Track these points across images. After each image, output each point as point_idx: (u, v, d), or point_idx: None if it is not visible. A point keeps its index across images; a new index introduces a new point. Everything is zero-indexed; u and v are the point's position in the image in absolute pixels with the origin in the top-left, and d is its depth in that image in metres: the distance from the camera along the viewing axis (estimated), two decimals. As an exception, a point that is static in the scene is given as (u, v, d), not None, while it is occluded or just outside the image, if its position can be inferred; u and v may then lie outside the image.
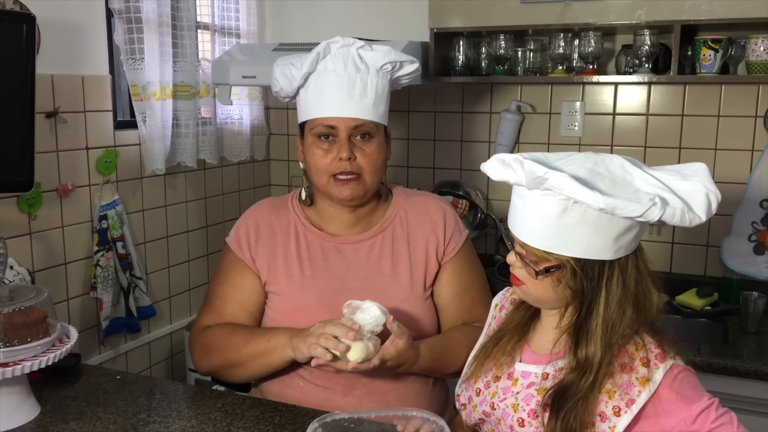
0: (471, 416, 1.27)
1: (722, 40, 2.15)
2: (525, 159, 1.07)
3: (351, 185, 1.43)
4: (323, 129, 1.42)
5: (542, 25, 2.29)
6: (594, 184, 1.06)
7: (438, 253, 1.51)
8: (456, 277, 1.52)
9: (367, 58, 1.43)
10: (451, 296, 1.52)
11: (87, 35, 2.08)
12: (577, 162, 1.10)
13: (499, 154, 1.13)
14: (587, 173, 1.08)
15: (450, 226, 1.53)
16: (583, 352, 1.11)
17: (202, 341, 1.49)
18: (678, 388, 1.09)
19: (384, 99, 1.46)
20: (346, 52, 1.42)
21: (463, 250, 1.54)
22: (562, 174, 1.03)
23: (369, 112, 1.42)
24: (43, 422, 1.33)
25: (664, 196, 1.04)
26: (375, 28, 2.60)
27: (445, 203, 1.59)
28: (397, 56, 1.44)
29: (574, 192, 1.02)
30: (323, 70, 1.42)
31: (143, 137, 2.21)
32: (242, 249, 1.51)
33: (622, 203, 1.01)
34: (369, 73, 1.42)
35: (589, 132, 2.53)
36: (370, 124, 1.43)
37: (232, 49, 2.53)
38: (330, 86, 1.41)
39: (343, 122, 1.41)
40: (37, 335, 1.31)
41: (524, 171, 1.06)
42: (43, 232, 1.97)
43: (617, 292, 1.10)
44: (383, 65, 1.43)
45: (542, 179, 1.04)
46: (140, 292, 2.26)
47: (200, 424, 1.33)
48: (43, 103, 1.90)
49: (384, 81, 1.45)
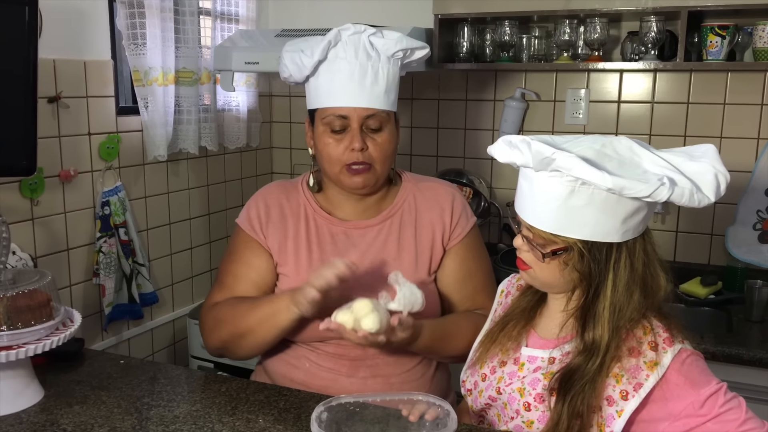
0: (477, 401, 1.27)
1: (729, 26, 2.13)
2: (532, 140, 1.06)
3: (363, 175, 1.43)
4: (335, 119, 1.41)
5: (547, 12, 2.27)
6: (602, 165, 1.05)
7: (444, 238, 1.51)
8: (459, 264, 1.52)
9: (378, 45, 1.41)
10: (452, 282, 1.52)
11: (89, 20, 2.07)
12: (584, 144, 1.09)
13: (506, 136, 1.12)
14: (595, 155, 1.07)
15: (457, 212, 1.53)
16: (590, 335, 1.10)
17: (211, 316, 1.48)
18: (686, 373, 1.09)
19: (395, 86, 1.45)
20: (357, 39, 1.40)
21: (469, 236, 1.53)
22: (569, 154, 1.02)
23: (381, 101, 1.41)
24: (47, 406, 1.32)
25: (673, 177, 1.03)
26: (378, 14, 2.59)
27: (455, 189, 1.58)
28: (409, 43, 1.43)
29: (581, 172, 1.01)
30: (334, 58, 1.40)
31: (145, 123, 2.20)
32: (254, 229, 1.50)
33: (630, 183, 1.00)
34: (380, 60, 1.41)
35: (594, 120, 2.52)
36: (382, 113, 1.42)
37: (234, 35, 2.51)
38: (341, 74, 1.39)
39: (355, 112, 1.40)
40: (40, 318, 1.30)
41: (531, 152, 1.05)
42: (45, 218, 1.96)
43: (625, 275, 1.10)
44: (395, 52, 1.41)
45: (549, 160, 1.03)
46: (143, 278, 2.26)
47: (204, 408, 1.32)
48: (45, 88, 1.89)
49: (395, 68, 1.44)
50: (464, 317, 1.48)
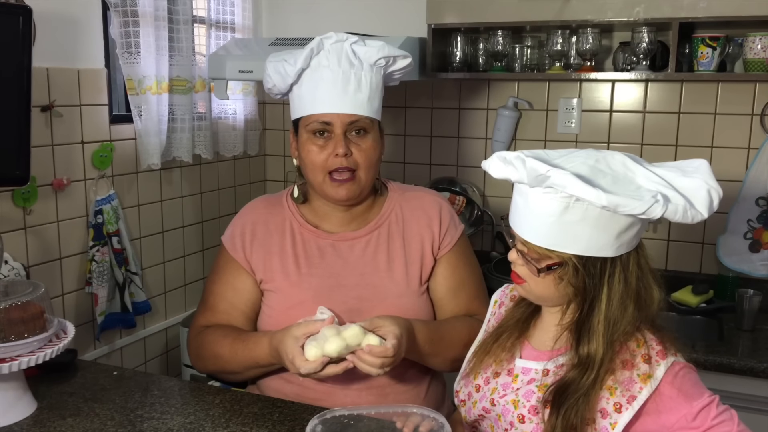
0: (470, 412, 1.27)
1: (720, 37, 2.15)
2: (527, 157, 1.07)
3: (347, 186, 1.43)
4: (318, 125, 1.42)
5: (540, 22, 2.29)
6: (596, 181, 1.05)
7: (433, 247, 1.51)
8: (451, 272, 1.52)
9: (360, 53, 1.42)
10: (445, 291, 1.52)
11: (82, 28, 2.06)
12: (578, 159, 1.10)
13: (500, 152, 1.13)
14: (589, 170, 1.07)
15: (445, 221, 1.53)
16: (585, 349, 1.11)
17: (195, 345, 1.51)
18: (679, 385, 1.09)
19: (378, 94, 1.45)
20: (339, 47, 1.41)
21: (459, 244, 1.54)
22: (564, 172, 1.03)
23: (364, 108, 1.42)
24: (40, 418, 1.32)
25: (666, 193, 1.04)
26: (372, 24, 2.60)
27: (441, 198, 1.58)
28: (391, 51, 1.44)
29: (576, 190, 1.02)
30: (317, 66, 1.41)
31: (139, 131, 2.20)
32: (236, 248, 1.50)
33: (624, 201, 1.01)
34: (363, 68, 1.42)
35: (586, 129, 2.54)
36: (365, 119, 1.43)
37: (229, 43, 2.51)
38: (324, 82, 1.40)
39: (338, 118, 1.41)
40: (34, 331, 1.30)
41: (526, 169, 1.06)
42: (38, 227, 1.95)
43: (619, 289, 1.10)
44: (377, 60, 1.43)
45: (544, 177, 1.04)
46: (135, 287, 2.25)
47: (198, 420, 1.32)
48: (39, 96, 1.88)
49: (378, 76, 1.44)
50: (459, 320, 1.49)
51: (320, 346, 1.25)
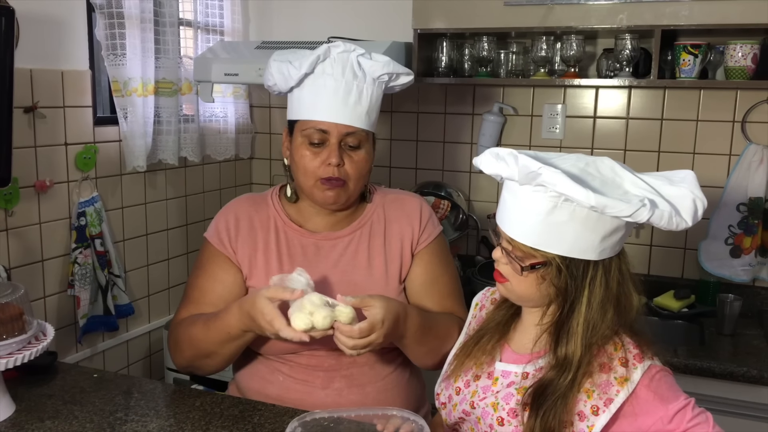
0: (450, 415, 1.28)
1: (701, 45, 2.18)
2: (519, 154, 1.08)
3: (336, 191, 1.44)
4: (315, 132, 1.42)
5: (525, 28, 2.31)
6: (585, 182, 1.06)
7: (412, 245, 1.53)
8: (424, 268, 1.53)
9: (366, 66, 1.43)
10: (418, 286, 1.52)
11: (67, 29, 2.06)
12: (568, 162, 1.11)
13: (492, 148, 1.14)
14: (578, 172, 1.09)
15: (424, 219, 1.55)
16: (563, 351, 1.12)
17: (173, 336, 1.48)
18: (655, 388, 1.10)
19: (376, 108, 1.47)
20: (345, 57, 1.42)
21: (435, 243, 1.55)
22: (555, 170, 1.04)
23: (362, 120, 1.43)
24: (18, 420, 1.31)
25: (653, 199, 1.06)
26: (359, 28, 2.60)
27: (421, 199, 1.60)
28: (396, 68, 1.45)
29: (566, 188, 1.03)
30: (321, 73, 1.42)
31: (124, 134, 2.19)
32: (222, 242, 1.50)
33: (612, 202, 1.02)
34: (365, 81, 1.43)
35: (570, 135, 2.56)
36: (362, 132, 1.43)
37: (215, 46, 2.51)
38: (326, 90, 1.41)
39: (336, 128, 1.41)
40: (12, 332, 1.29)
41: (518, 165, 1.07)
42: (19, 229, 1.94)
43: (600, 293, 1.11)
44: (380, 75, 1.44)
45: (535, 174, 1.05)
46: (118, 290, 2.24)
47: (178, 423, 1.32)
48: (22, 97, 1.87)
49: (379, 90, 1.46)
50: (448, 316, 1.50)
51: (308, 318, 1.22)
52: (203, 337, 1.40)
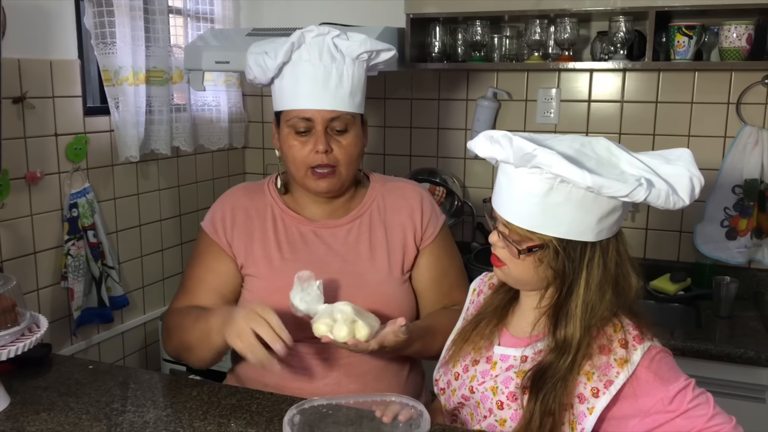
0: (450, 400, 1.27)
1: (696, 26, 2.17)
2: (514, 136, 1.07)
3: (327, 179, 1.42)
4: (299, 121, 1.40)
5: (518, 12, 2.29)
6: (581, 163, 1.05)
7: (416, 238, 1.51)
8: (434, 262, 1.52)
9: (342, 47, 1.40)
10: (429, 281, 1.52)
11: (55, 19, 2.03)
12: (564, 143, 1.10)
13: (487, 131, 1.12)
14: (574, 153, 1.08)
15: (427, 212, 1.53)
16: (562, 333, 1.11)
17: (166, 323, 1.49)
18: (656, 369, 1.10)
19: (360, 88, 1.44)
20: (321, 41, 1.40)
21: (440, 235, 1.54)
22: (551, 151, 1.03)
23: (345, 103, 1.41)
24: (13, 413, 1.29)
25: (650, 178, 1.04)
26: (350, 14, 2.58)
27: (422, 189, 1.58)
28: (374, 45, 1.42)
29: (562, 169, 1.01)
30: (298, 60, 1.40)
31: (116, 123, 2.17)
32: (217, 233, 1.49)
33: (608, 182, 1.01)
34: (345, 62, 1.40)
35: (565, 119, 2.54)
36: (347, 115, 1.41)
37: (206, 33, 2.48)
38: (305, 77, 1.39)
39: (320, 114, 1.39)
40: (5, 324, 1.27)
41: (513, 147, 1.06)
42: (11, 221, 1.92)
43: (597, 274, 1.11)
44: (359, 54, 1.41)
45: (531, 156, 1.03)
46: (113, 281, 2.22)
47: (176, 413, 1.31)
48: (10, 88, 1.85)
49: (360, 70, 1.43)
50: (445, 315, 1.49)
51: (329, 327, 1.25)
52: (189, 329, 1.40)
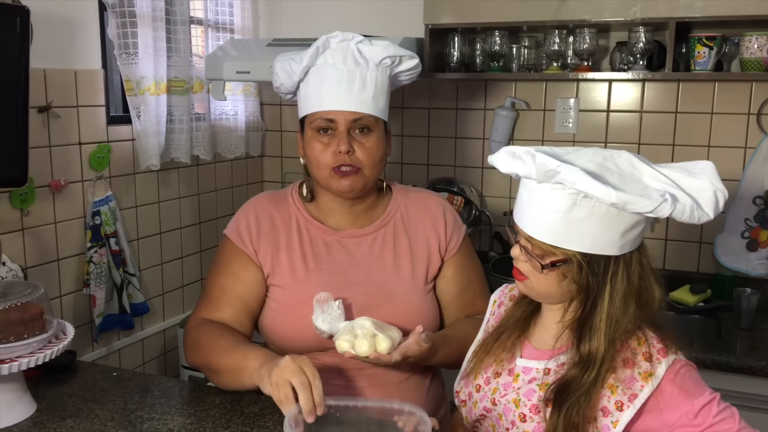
0: (471, 413, 1.27)
1: (716, 37, 2.16)
2: (536, 152, 1.07)
3: (350, 177, 1.43)
4: (322, 122, 1.42)
5: (537, 22, 2.29)
6: (604, 178, 1.05)
7: (441, 249, 1.52)
8: (459, 273, 1.54)
9: (366, 52, 1.43)
10: (455, 291, 1.54)
11: (80, 29, 2.06)
12: (585, 157, 1.10)
13: (508, 147, 1.13)
14: (596, 168, 1.07)
15: (450, 223, 1.54)
16: (587, 347, 1.11)
17: (193, 335, 1.45)
18: (680, 383, 1.10)
19: (384, 93, 1.46)
20: (345, 46, 1.42)
21: (464, 245, 1.56)
22: (574, 168, 1.03)
23: (368, 106, 1.42)
24: (39, 419, 1.31)
25: (674, 193, 1.04)
26: (369, 24, 2.59)
27: (443, 200, 1.60)
28: (396, 51, 1.44)
29: (586, 186, 1.01)
30: (323, 65, 1.42)
31: (138, 132, 2.19)
32: (243, 241, 1.49)
33: (633, 198, 1.01)
34: (368, 67, 1.43)
35: (583, 129, 2.54)
36: (369, 117, 1.43)
37: (226, 44, 2.51)
38: (329, 80, 1.41)
39: (342, 115, 1.41)
40: (33, 332, 1.29)
41: (535, 164, 1.06)
42: (35, 228, 1.95)
43: (621, 288, 1.10)
44: (382, 59, 1.43)
45: (554, 173, 1.03)
46: (133, 288, 2.25)
47: (199, 420, 1.32)
48: (36, 97, 1.88)
49: (383, 75, 1.45)
50: (468, 323, 1.50)
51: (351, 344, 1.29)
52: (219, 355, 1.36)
